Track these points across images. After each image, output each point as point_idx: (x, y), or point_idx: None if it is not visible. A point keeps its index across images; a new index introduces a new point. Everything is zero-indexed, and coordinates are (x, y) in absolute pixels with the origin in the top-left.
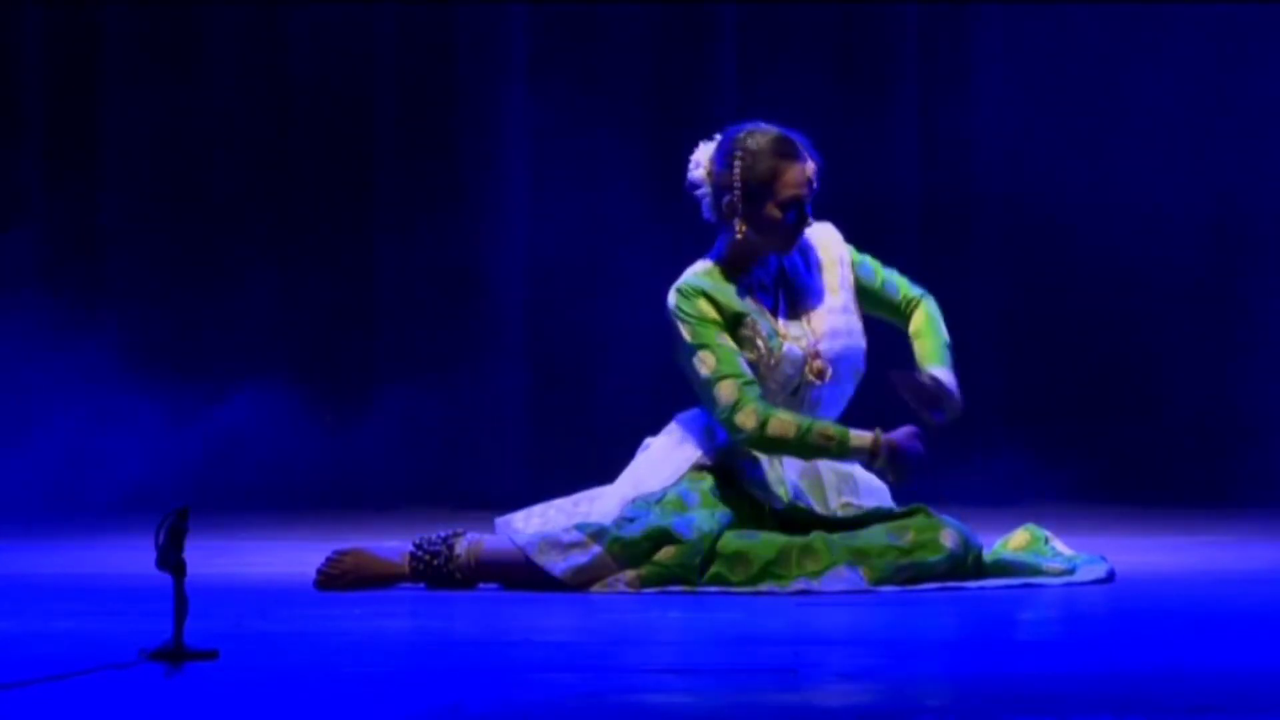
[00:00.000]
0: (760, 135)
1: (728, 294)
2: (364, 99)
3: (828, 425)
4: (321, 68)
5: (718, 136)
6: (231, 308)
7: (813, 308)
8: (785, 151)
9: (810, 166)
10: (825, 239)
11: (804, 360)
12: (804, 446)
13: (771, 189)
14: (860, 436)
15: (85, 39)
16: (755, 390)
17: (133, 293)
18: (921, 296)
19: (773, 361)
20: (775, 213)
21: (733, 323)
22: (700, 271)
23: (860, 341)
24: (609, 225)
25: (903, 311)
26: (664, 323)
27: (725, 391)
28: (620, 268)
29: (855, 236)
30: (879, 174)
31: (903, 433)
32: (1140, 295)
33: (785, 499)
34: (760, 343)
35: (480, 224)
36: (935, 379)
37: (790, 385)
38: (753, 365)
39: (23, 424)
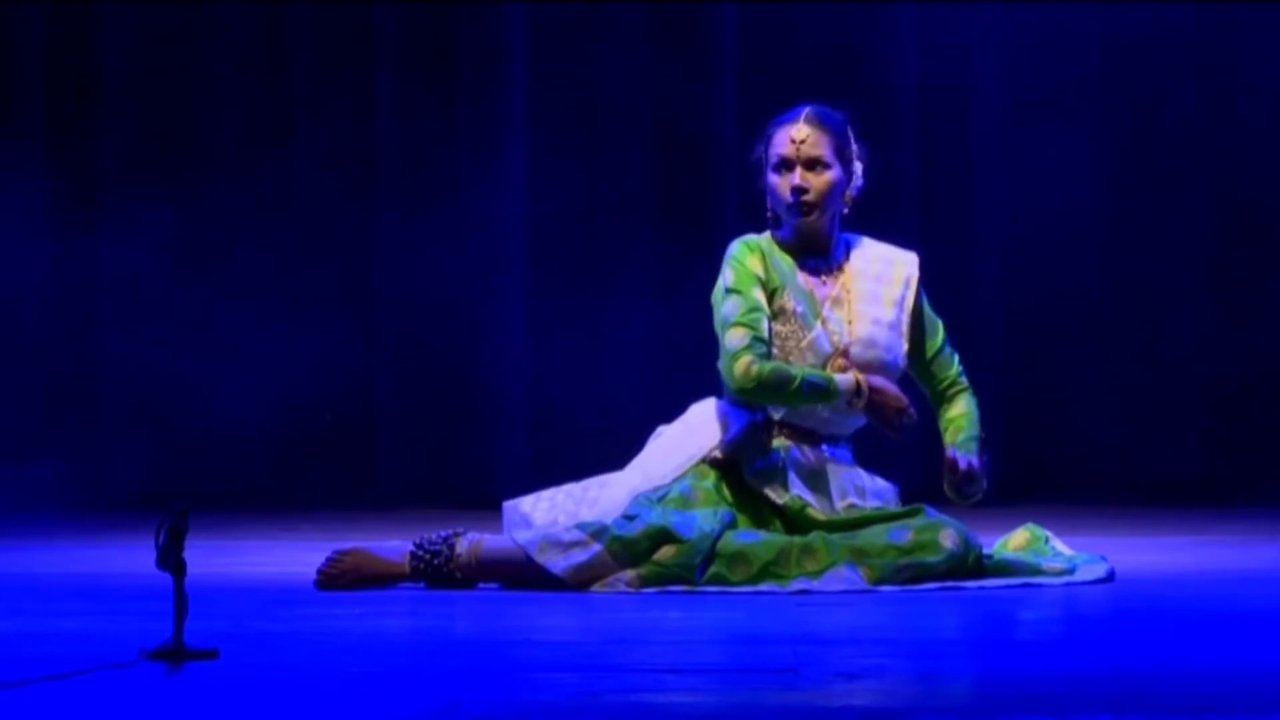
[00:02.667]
0: (780, 115)
1: (780, 264)
2: (364, 96)
3: (817, 372)
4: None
5: None
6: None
7: (860, 312)
8: (781, 118)
9: (801, 129)
10: (900, 259)
11: (829, 354)
12: (797, 395)
13: (768, 156)
14: (848, 379)
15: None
16: (762, 347)
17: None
18: (969, 387)
19: (798, 341)
20: (772, 176)
21: (772, 291)
22: (765, 235)
23: (897, 360)
24: (609, 222)
25: (942, 387)
26: (678, 312)
27: (733, 337)
28: (621, 266)
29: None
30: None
31: (887, 388)
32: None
33: (788, 494)
34: (794, 319)
35: (479, 222)
36: (972, 466)
37: None
38: (781, 338)
39: None
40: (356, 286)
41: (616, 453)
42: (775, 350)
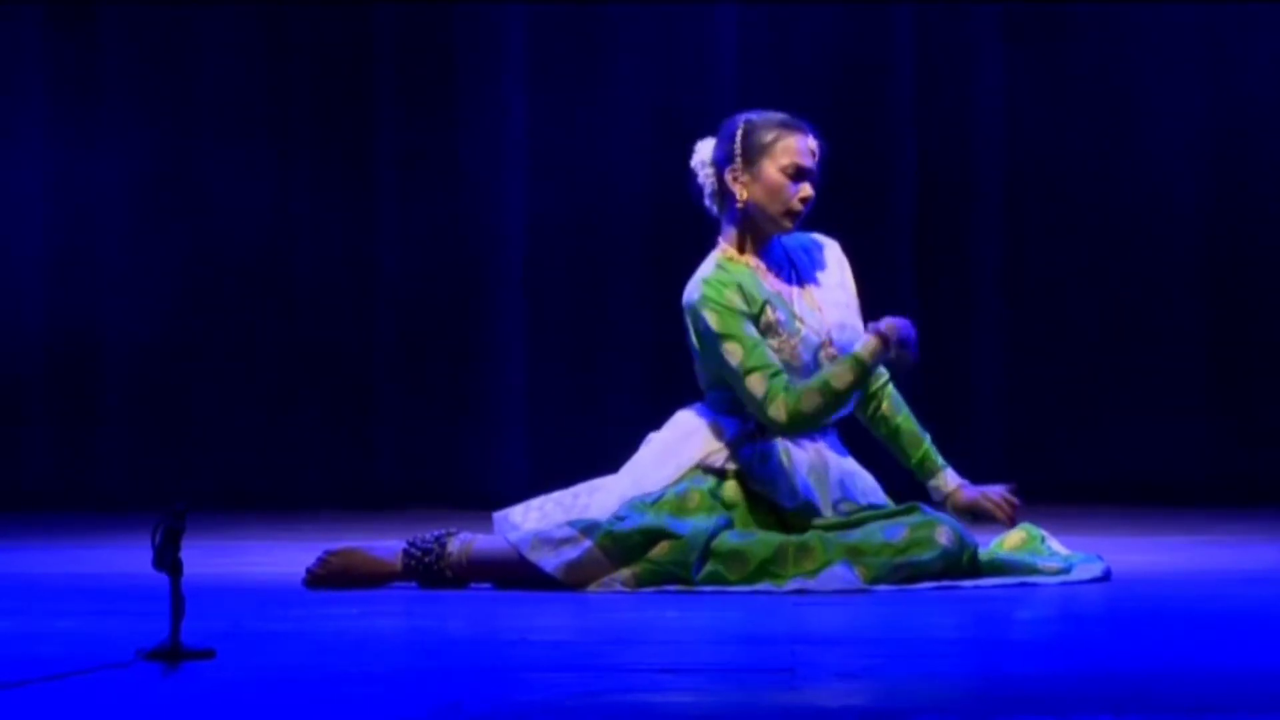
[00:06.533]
0: (763, 112)
1: (752, 282)
2: (363, 94)
3: (840, 364)
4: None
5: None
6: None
7: (822, 299)
8: (786, 123)
9: (813, 142)
10: (827, 243)
11: (819, 346)
12: (837, 397)
13: (772, 151)
14: (867, 343)
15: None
16: (781, 380)
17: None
18: (890, 380)
19: (792, 345)
20: (776, 175)
21: (757, 312)
22: (723, 260)
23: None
24: (608, 219)
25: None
26: (675, 312)
27: (754, 386)
28: (620, 263)
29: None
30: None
31: (895, 321)
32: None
33: (799, 498)
34: (781, 330)
35: (479, 219)
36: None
37: (806, 371)
38: (774, 351)
39: None
40: (354, 283)
41: (616, 452)
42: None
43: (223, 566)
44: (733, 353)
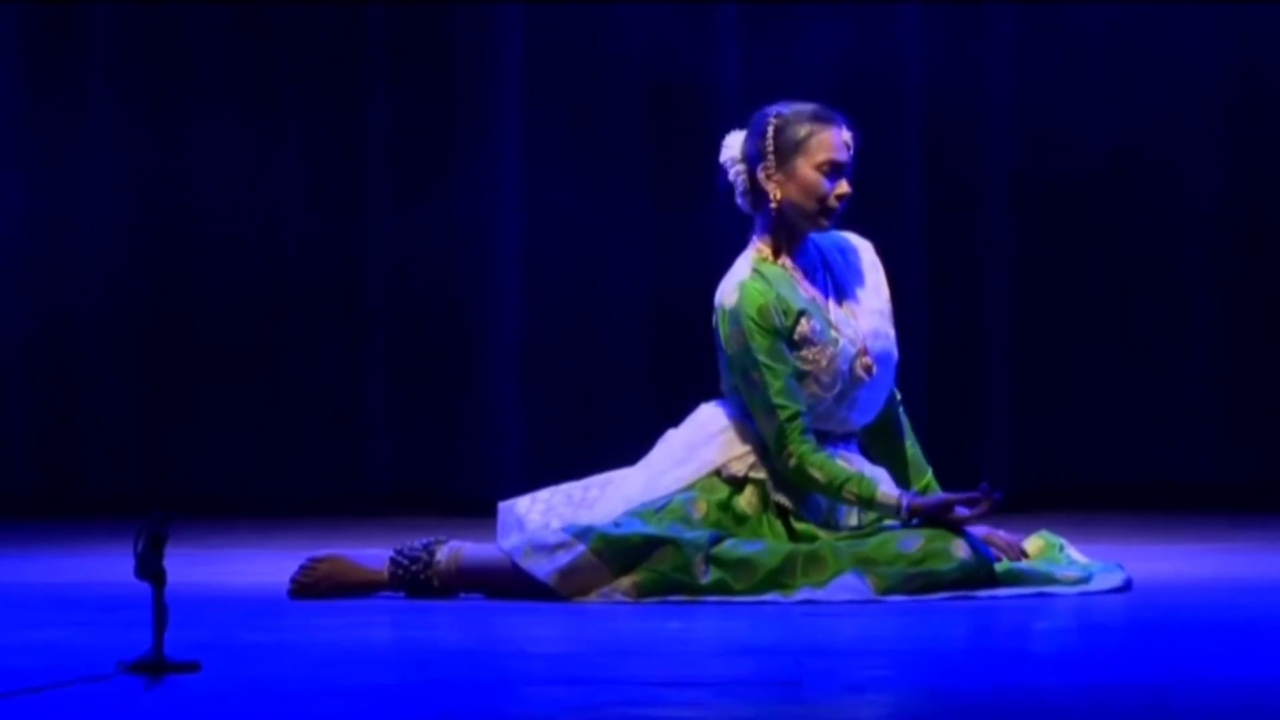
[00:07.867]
0: (794, 105)
1: (788, 287)
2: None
3: (859, 484)
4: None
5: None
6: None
7: (857, 307)
8: (820, 116)
9: (848, 134)
10: (860, 244)
11: (854, 356)
12: (834, 494)
13: (807, 148)
14: (887, 495)
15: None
16: (799, 426)
17: None
18: (900, 403)
19: (829, 355)
20: (811, 174)
21: (793, 323)
22: (758, 262)
23: (895, 351)
24: (607, 218)
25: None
26: (676, 314)
27: (770, 423)
28: (619, 262)
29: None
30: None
31: (934, 502)
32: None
33: (821, 512)
34: (816, 340)
35: (475, 218)
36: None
37: (842, 381)
38: (808, 364)
39: None
40: (345, 286)
41: (616, 457)
42: (809, 370)
43: (207, 575)
44: (757, 382)
